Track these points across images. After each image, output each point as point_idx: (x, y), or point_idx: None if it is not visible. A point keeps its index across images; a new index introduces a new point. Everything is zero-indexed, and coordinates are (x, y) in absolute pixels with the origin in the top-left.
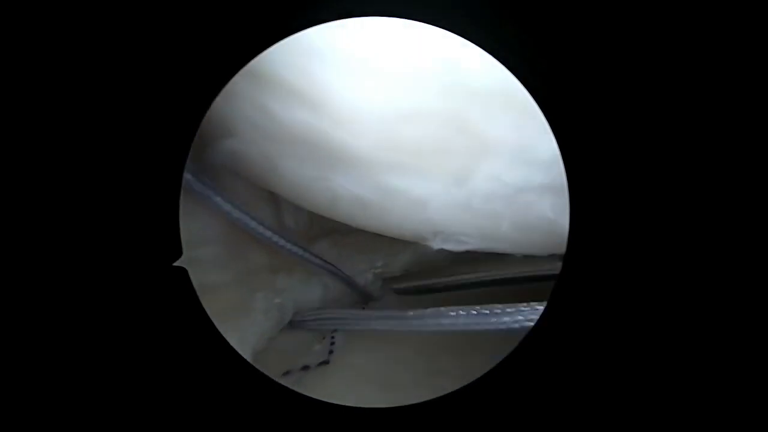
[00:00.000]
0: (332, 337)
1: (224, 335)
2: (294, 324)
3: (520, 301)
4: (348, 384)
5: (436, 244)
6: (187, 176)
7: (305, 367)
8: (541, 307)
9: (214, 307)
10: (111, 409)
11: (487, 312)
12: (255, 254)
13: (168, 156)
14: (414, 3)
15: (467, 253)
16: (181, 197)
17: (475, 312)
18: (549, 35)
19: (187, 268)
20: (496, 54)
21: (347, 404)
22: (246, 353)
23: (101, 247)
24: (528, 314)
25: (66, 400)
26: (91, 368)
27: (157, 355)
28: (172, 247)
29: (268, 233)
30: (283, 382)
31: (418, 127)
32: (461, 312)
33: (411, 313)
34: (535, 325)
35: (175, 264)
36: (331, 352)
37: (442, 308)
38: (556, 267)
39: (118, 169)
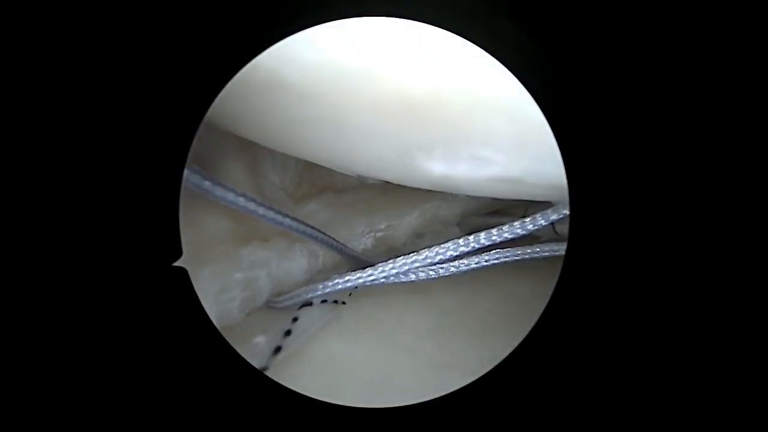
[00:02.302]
0: (294, 318)
1: None
2: (271, 305)
3: None
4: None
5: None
6: None
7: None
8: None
9: None
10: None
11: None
12: (211, 220)
13: (168, 156)
14: (414, 3)
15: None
16: None
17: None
18: (549, 36)
19: None
20: (496, 54)
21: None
22: None
23: (99, 243)
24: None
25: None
26: (88, 364)
27: (153, 350)
28: (172, 246)
29: (228, 194)
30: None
31: None
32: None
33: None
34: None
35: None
36: (289, 332)
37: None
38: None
39: (117, 169)
